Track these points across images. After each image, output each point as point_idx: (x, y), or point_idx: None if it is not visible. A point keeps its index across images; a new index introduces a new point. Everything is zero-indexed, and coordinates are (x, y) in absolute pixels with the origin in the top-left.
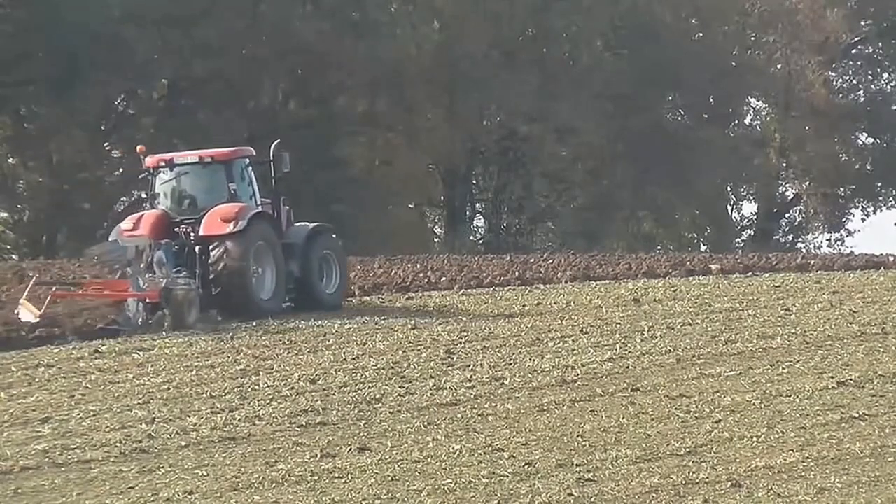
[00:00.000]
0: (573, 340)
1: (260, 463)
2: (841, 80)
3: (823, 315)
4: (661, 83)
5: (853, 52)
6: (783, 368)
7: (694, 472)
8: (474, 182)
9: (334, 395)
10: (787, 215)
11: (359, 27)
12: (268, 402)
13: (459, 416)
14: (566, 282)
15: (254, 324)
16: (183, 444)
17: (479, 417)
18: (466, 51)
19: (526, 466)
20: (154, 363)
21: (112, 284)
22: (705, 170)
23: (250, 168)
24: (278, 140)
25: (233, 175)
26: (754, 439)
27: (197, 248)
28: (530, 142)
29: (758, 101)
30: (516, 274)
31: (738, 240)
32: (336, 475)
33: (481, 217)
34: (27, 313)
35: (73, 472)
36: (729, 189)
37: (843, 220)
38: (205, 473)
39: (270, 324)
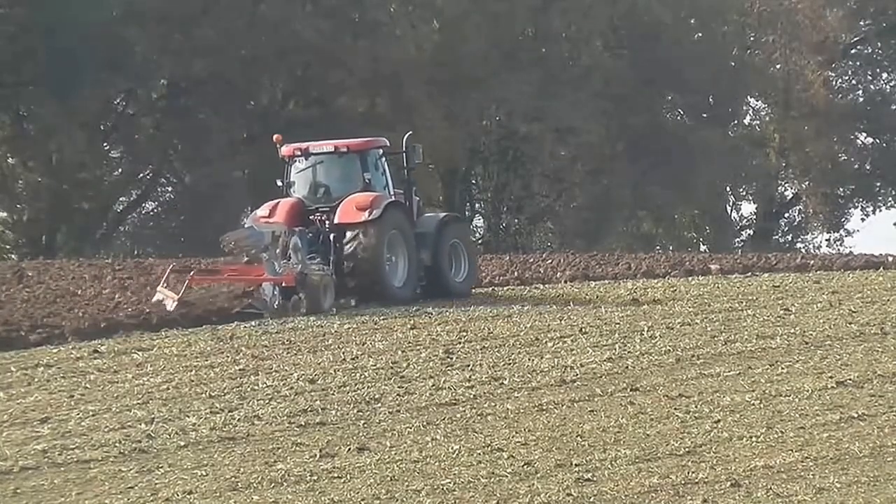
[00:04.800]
0: (572, 340)
1: (259, 463)
2: (840, 80)
3: (822, 315)
4: (660, 83)
5: (852, 51)
6: (782, 368)
7: (693, 472)
8: (474, 182)
9: (333, 394)
10: (786, 215)
11: (358, 27)
12: (267, 401)
13: (458, 415)
14: (565, 282)
15: (253, 323)
16: (182, 444)
17: (479, 417)
18: (466, 51)
19: (525, 466)
20: (153, 363)
21: (248, 270)
22: (704, 170)
23: (384, 158)
24: (411, 132)
25: (367, 165)
26: (753, 439)
27: (331, 236)
28: (530, 141)
29: (757, 100)
30: (515, 274)
31: (737, 240)
32: (335, 475)
33: (481, 217)
34: (166, 298)
35: (73, 472)
36: (728, 189)
37: (843, 220)
38: (204, 473)
39: (269, 324)
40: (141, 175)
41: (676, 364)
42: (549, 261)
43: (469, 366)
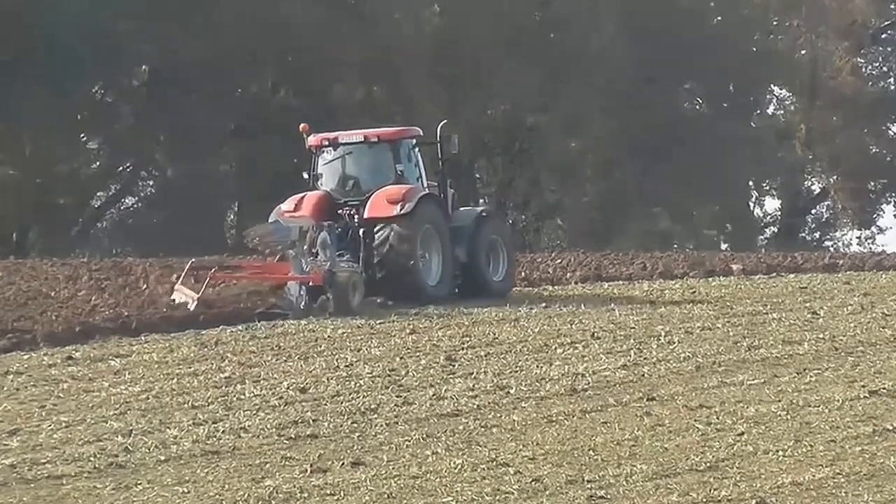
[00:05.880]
0: (584, 346)
1: (246, 479)
2: (870, 67)
3: (854, 319)
4: (677, 71)
5: (883, 36)
6: (811, 376)
7: (715, 489)
8: (477, 176)
9: (326, 405)
10: (813, 211)
11: (355, 11)
12: (254, 412)
13: (461, 427)
14: (576, 283)
15: (239, 328)
16: (162, 458)
17: (483, 429)
18: (468, 37)
19: (533, 483)
20: (131, 370)
21: (272, 267)
22: (725, 163)
23: (417, 149)
24: (445, 121)
25: (399, 156)
26: (780, 453)
27: (361, 231)
28: (537, 133)
29: (781, 89)
30: (522, 274)
31: (761, 238)
32: (328, 492)
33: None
34: (184, 297)
35: (44, 488)
36: (751, 183)
37: (874, 216)
38: (186, 490)
39: (257, 328)
40: (120, 168)
41: (696, 372)
42: (559, 260)
43: (472, 374)
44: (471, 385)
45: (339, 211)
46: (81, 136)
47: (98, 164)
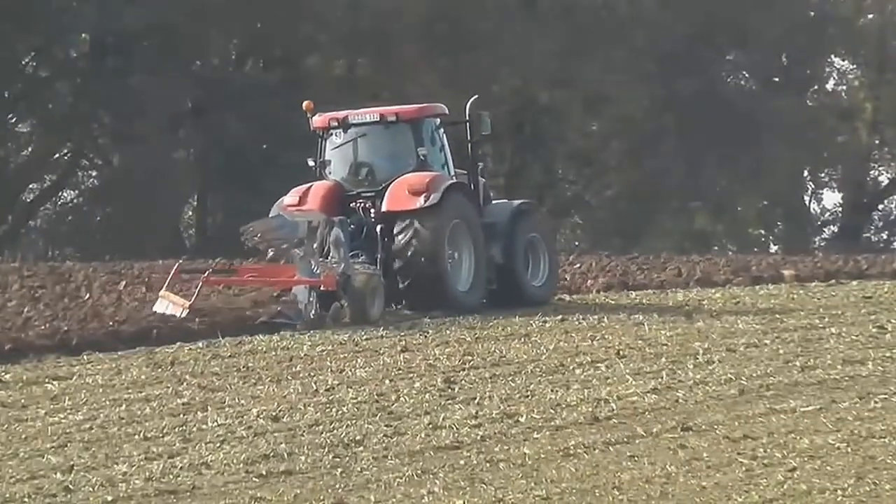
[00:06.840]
0: (607, 366)
1: None
2: None
3: None
4: (719, 38)
5: None
6: (875, 402)
7: None
8: (481, 164)
9: (303, 436)
10: (880, 207)
11: None
12: (218, 445)
13: (462, 462)
14: (598, 291)
15: (199, 345)
16: (109, 498)
17: (488, 464)
18: None
19: None
20: (72, 396)
21: (273, 270)
22: (776, 149)
23: (442, 130)
24: (476, 96)
25: (422, 137)
26: (839, 492)
27: (378, 227)
28: (552, 113)
29: (843, 60)
30: None
31: (817, 238)
32: None
33: None
34: (170, 305)
35: None
36: (806, 173)
37: None
38: None
39: (220, 345)
40: (57, 155)
41: (740, 397)
42: (578, 265)
43: (475, 399)
44: (473, 412)
45: (352, 204)
46: (10, 117)
47: (30, 150)
